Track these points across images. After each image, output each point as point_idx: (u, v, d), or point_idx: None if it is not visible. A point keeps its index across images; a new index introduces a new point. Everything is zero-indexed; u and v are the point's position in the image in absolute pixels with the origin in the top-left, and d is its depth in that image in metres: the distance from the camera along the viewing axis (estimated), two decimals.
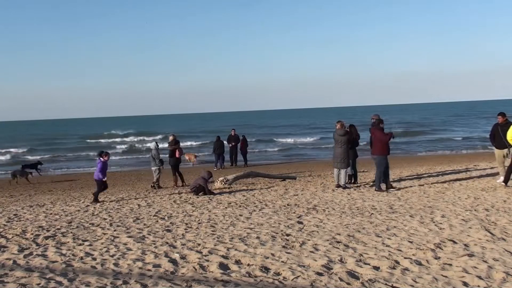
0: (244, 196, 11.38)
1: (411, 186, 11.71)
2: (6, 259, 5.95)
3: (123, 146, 40.35)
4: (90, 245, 6.63)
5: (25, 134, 71.07)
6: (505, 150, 11.26)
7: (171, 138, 15.55)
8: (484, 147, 27.69)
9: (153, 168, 14.44)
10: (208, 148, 32.41)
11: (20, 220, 8.94)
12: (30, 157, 31.98)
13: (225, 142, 22.05)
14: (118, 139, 50.12)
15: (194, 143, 40.34)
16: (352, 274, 4.92)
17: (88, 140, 50.18)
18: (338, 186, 11.88)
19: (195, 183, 12.01)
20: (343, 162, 11.74)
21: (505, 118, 11.47)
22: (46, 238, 7.16)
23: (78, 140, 51.84)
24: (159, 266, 5.46)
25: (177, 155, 14.87)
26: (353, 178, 12.65)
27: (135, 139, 48.27)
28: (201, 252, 5.98)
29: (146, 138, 46.89)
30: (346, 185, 11.90)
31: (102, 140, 49.66)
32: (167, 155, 15.15)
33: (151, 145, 15.25)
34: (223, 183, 13.65)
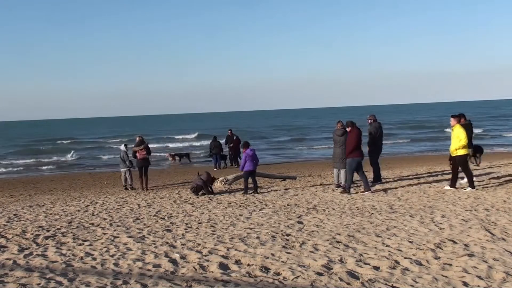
0: (244, 196, 11.39)
1: (411, 186, 11.71)
2: (6, 259, 5.95)
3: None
4: (90, 245, 6.63)
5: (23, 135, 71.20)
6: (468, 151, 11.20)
7: (137, 139, 14.92)
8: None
9: (122, 170, 14.51)
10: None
11: (20, 220, 8.94)
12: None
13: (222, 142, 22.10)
14: (123, 139, 50.14)
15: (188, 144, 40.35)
16: (352, 274, 4.92)
17: (86, 140, 50.20)
18: (338, 186, 11.88)
19: (194, 183, 12.03)
20: (342, 162, 11.73)
21: (463, 119, 11.49)
22: (46, 238, 7.16)
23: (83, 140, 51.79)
24: (159, 266, 5.46)
25: (139, 157, 14.27)
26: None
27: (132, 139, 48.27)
28: (201, 252, 5.98)
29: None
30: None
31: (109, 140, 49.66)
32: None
33: (121, 146, 15.22)
34: (223, 183, 13.65)
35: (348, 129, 11.21)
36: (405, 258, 5.45)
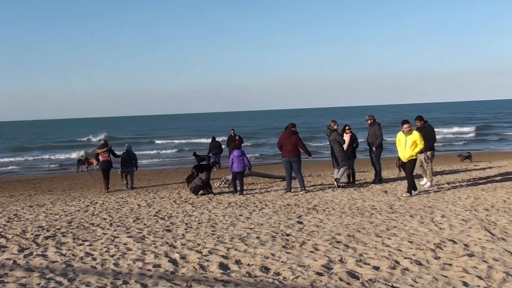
0: (244, 196, 11.39)
1: None
2: (6, 259, 5.95)
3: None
4: (90, 245, 6.63)
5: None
6: (423, 155, 11.08)
7: (102, 142, 15.34)
8: None
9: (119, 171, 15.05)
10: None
11: (20, 220, 8.94)
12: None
13: (223, 145, 22.08)
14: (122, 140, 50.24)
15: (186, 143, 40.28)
16: (352, 274, 4.92)
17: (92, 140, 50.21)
18: (338, 186, 11.90)
19: (193, 183, 12.04)
20: (339, 161, 11.79)
21: (422, 122, 11.51)
22: (46, 238, 7.16)
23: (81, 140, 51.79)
24: (159, 266, 5.45)
25: (101, 159, 14.60)
26: (351, 177, 12.69)
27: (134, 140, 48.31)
28: (201, 252, 5.98)
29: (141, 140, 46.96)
30: (339, 183, 11.90)
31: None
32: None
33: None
34: (222, 183, 13.65)
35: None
36: (405, 258, 5.45)
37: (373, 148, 12.43)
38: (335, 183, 11.81)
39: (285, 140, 11.50)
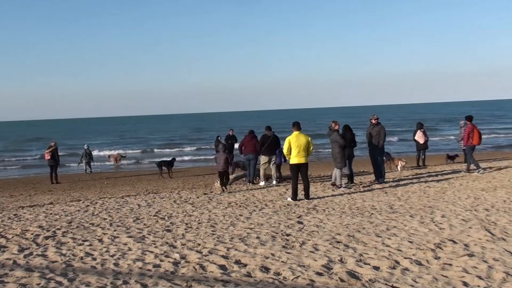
0: (244, 196, 11.38)
1: (411, 186, 11.71)
2: (6, 259, 5.95)
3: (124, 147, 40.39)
4: (90, 245, 6.63)
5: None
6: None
7: (51, 144, 19.61)
8: None
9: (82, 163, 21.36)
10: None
11: (20, 220, 8.93)
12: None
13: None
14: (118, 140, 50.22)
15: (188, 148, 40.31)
16: (352, 274, 4.92)
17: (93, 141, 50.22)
18: (333, 184, 11.93)
19: (220, 166, 12.44)
20: (336, 162, 11.81)
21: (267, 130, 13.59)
22: (46, 238, 7.15)
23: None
24: (159, 266, 5.46)
25: (46, 158, 19.07)
26: (349, 178, 12.69)
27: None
28: (201, 252, 5.99)
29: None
30: (342, 184, 11.91)
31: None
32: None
33: (84, 146, 22.94)
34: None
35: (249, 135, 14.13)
36: (405, 258, 5.45)
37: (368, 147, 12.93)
38: (336, 187, 11.80)
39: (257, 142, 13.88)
